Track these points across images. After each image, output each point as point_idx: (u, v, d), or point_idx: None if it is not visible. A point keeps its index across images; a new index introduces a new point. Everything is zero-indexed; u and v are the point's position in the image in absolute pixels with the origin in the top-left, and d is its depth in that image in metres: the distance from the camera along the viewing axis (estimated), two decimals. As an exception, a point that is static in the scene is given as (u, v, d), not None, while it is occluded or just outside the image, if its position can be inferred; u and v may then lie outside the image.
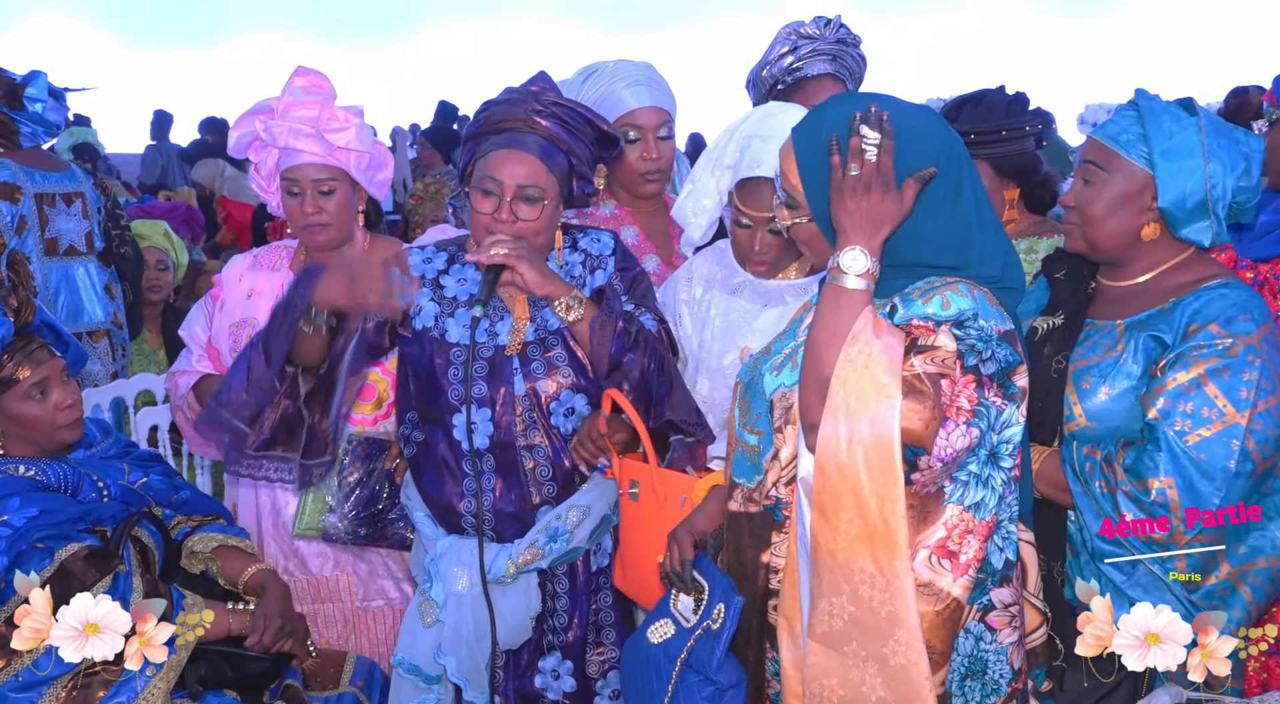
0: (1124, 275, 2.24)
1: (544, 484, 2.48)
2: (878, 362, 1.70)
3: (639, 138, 2.92)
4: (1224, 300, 2.10)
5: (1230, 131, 2.15)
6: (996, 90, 2.82)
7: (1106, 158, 2.16)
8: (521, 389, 2.44)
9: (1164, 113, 2.14)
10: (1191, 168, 2.09)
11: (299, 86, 2.88)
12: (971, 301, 1.77)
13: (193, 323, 3.09)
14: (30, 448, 2.50)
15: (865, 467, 1.71)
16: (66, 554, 2.35)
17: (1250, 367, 2.04)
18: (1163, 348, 2.12)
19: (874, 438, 1.70)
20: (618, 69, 2.96)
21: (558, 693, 2.57)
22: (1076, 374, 2.18)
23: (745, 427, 1.98)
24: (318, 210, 2.84)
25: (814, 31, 3.12)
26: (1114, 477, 2.06)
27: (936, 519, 1.78)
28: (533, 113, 2.40)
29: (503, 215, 2.39)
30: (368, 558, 2.93)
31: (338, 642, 2.93)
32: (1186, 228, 2.14)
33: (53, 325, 2.59)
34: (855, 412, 1.71)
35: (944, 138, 1.83)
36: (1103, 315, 2.24)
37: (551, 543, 2.46)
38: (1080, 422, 2.17)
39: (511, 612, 2.48)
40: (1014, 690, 1.88)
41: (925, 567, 1.78)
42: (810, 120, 1.86)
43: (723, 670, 1.96)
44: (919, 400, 1.70)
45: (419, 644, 2.52)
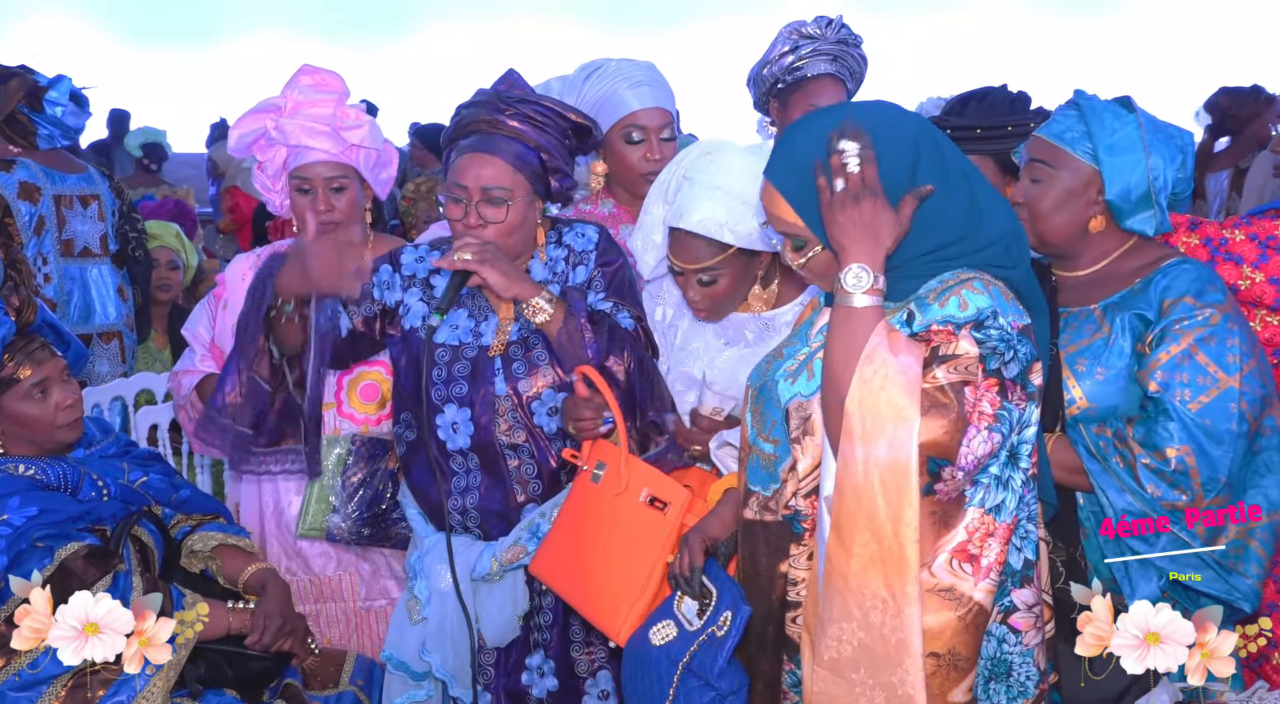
0: (1076, 266, 2.33)
1: (529, 483, 2.48)
2: (894, 382, 1.68)
3: (642, 139, 2.89)
4: (1188, 275, 2.21)
5: (1164, 127, 2.26)
6: (1000, 88, 2.83)
7: (1053, 155, 2.25)
8: (503, 389, 2.44)
9: (1105, 110, 2.25)
10: (1134, 161, 2.20)
11: (307, 84, 2.87)
12: (989, 298, 1.75)
13: (196, 323, 3.09)
14: (30, 447, 2.49)
15: (881, 489, 1.69)
16: (66, 553, 2.35)
17: (1232, 333, 2.15)
18: (1146, 325, 2.20)
19: (890, 460, 1.68)
20: (620, 69, 2.93)
21: (542, 691, 2.57)
22: (1069, 358, 2.24)
23: (760, 434, 1.95)
24: (329, 208, 2.83)
25: (815, 31, 3.12)
26: (1130, 451, 2.13)
27: (957, 523, 1.75)
28: (497, 113, 2.40)
29: (470, 220, 2.39)
30: (371, 558, 2.93)
31: (340, 641, 2.93)
32: (1131, 218, 2.24)
33: (54, 324, 2.59)
34: (871, 435, 1.69)
35: (915, 124, 1.82)
36: (1073, 303, 2.31)
37: (535, 539, 2.46)
38: (1081, 404, 2.22)
39: (498, 609, 2.49)
40: (1041, 693, 1.87)
41: (945, 571, 1.75)
42: (782, 153, 1.83)
43: (724, 677, 1.96)
44: (942, 413, 1.68)
45: (406, 641, 2.54)
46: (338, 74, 2.92)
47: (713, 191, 2.27)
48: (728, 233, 2.27)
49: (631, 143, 2.89)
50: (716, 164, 2.31)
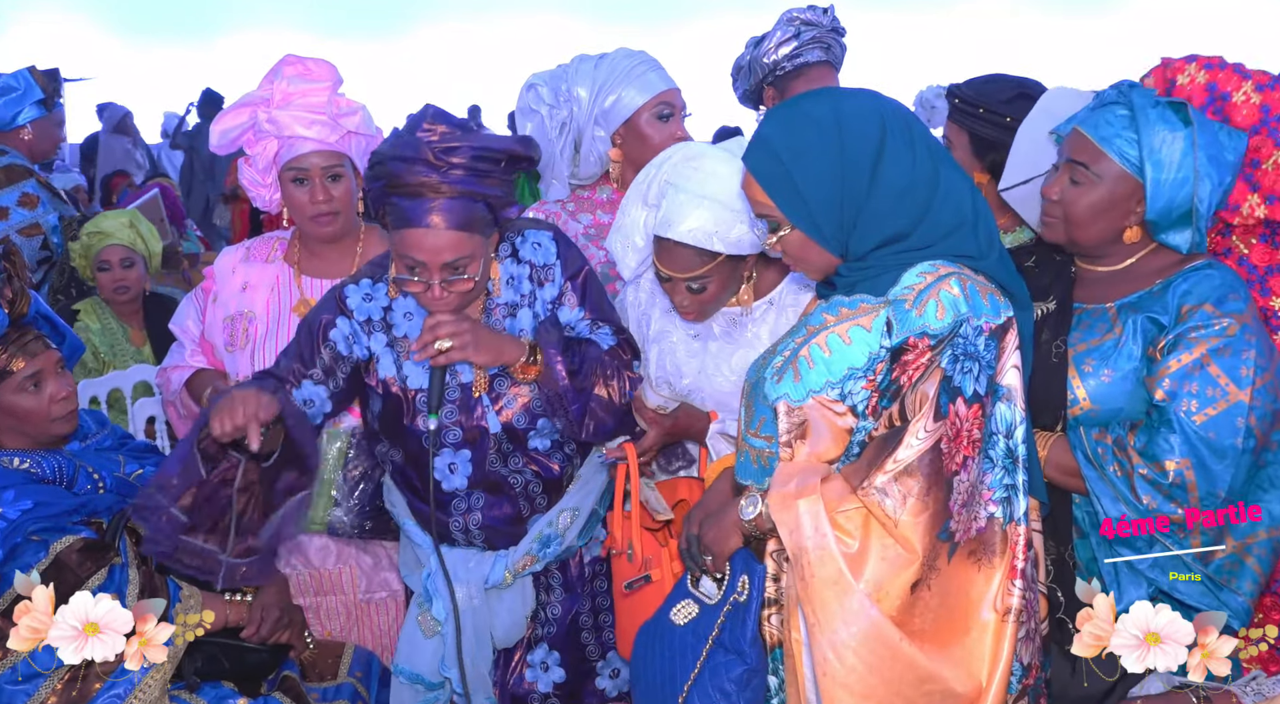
0: (1103, 262, 2.27)
1: (535, 498, 2.46)
2: (827, 559, 1.75)
3: (670, 115, 2.90)
4: (1210, 281, 2.14)
5: (1218, 141, 2.15)
6: (1016, 79, 2.75)
7: (1095, 159, 2.16)
8: (496, 427, 2.38)
9: (1158, 119, 2.13)
10: (1181, 181, 2.11)
11: (294, 74, 2.84)
12: (964, 299, 1.77)
13: (184, 317, 3.04)
14: (24, 440, 2.48)
15: (864, 663, 1.74)
16: (61, 547, 2.34)
17: (1249, 345, 2.08)
18: (1159, 329, 2.14)
19: (857, 635, 1.73)
20: (634, 55, 2.94)
21: (548, 684, 2.56)
22: (1077, 357, 2.19)
23: (750, 430, 1.96)
24: (327, 197, 2.80)
25: (813, 18, 3.13)
26: (1129, 461, 2.08)
27: (999, 549, 1.79)
28: (435, 172, 2.16)
29: (435, 295, 2.23)
30: (372, 551, 2.92)
31: (339, 633, 2.91)
32: (1166, 234, 2.17)
33: (48, 317, 2.58)
34: (826, 624, 1.75)
35: (886, 107, 1.86)
36: (1090, 299, 2.25)
37: (545, 548, 2.45)
38: (1084, 405, 2.17)
39: (509, 611, 2.48)
40: (1025, 688, 1.87)
41: (1005, 595, 1.78)
42: (757, 140, 1.89)
43: (755, 646, 1.93)
44: (918, 498, 1.74)
45: (421, 654, 2.50)
46: (326, 62, 2.89)
47: (700, 201, 2.25)
48: (717, 242, 2.26)
49: (663, 119, 2.88)
50: (701, 171, 2.28)
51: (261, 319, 2.88)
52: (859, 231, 1.83)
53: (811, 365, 1.83)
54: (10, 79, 4.64)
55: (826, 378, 1.82)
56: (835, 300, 1.88)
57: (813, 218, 1.83)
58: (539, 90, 2.96)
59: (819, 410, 1.83)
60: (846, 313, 1.84)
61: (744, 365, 2.37)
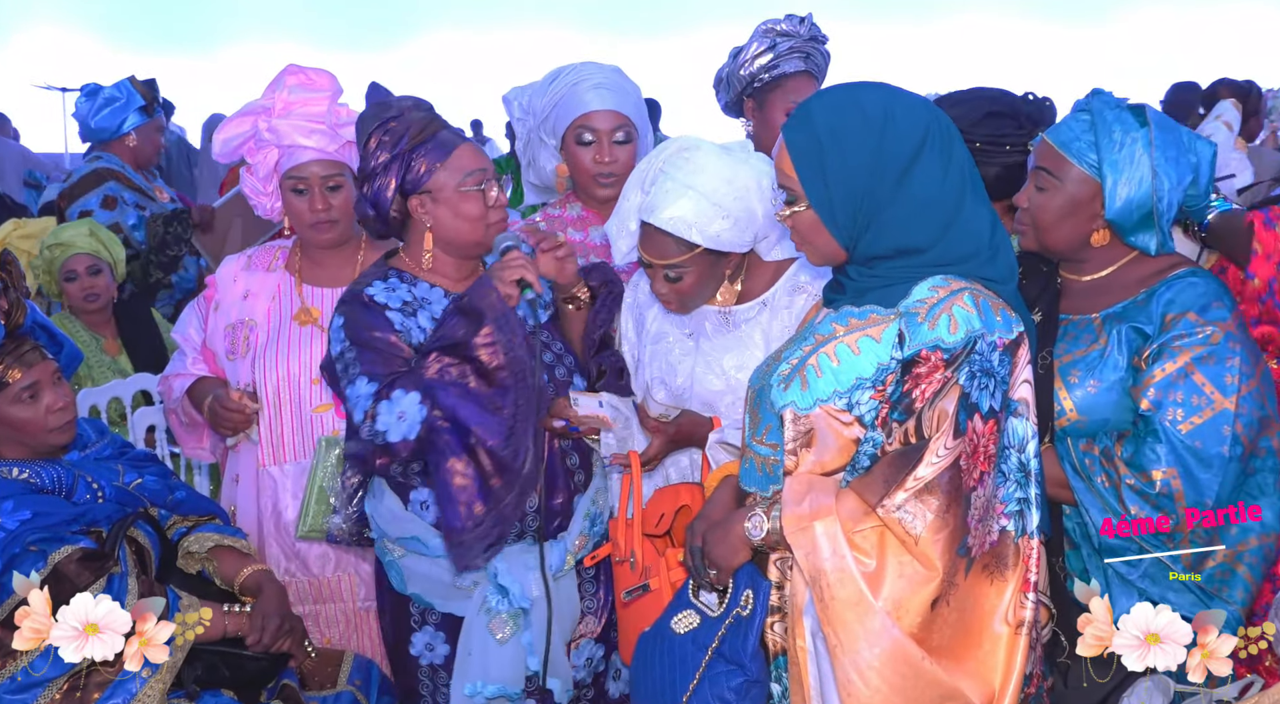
0: (1085, 270, 2.28)
1: (575, 473, 2.50)
2: (847, 581, 1.74)
3: (593, 140, 2.85)
4: (1194, 289, 2.15)
5: (1178, 141, 2.16)
6: (990, 95, 2.66)
7: (1057, 164, 2.19)
8: (545, 378, 2.41)
9: (1115, 121, 2.15)
10: (1138, 180, 2.12)
11: (295, 83, 2.86)
12: (977, 315, 1.77)
13: (185, 325, 3.06)
14: (23, 450, 2.48)
15: (888, 684, 1.73)
16: (60, 557, 2.33)
17: (1233, 353, 2.09)
18: (1144, 339, 2.14)
19: (881, 656, 1.72)
20: (581, 70, 2.90)
21: (589, 674, 2.59)
22: (1063, 369, 2.19)
23: (755, 437, 1.95)
24: (327, 207, 2.83)
25: (790, 29, 3.12)
26: (1116, 471, 2.08)
27: (1012, 562, 1.79)
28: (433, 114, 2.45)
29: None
30: (371, 558, 2.91)
31: (339, 641, 2.91)
32: (1133, 236, 2.18)
33: (45, 326, 2.58)
34: (849, 645, 1.74)
35: (935, 117, 1.85)
36: (1076, 310, 2.26)
37: (593, 527, 2.50)
38: (1071, 416, 2.18)
39: (568, 602, 2.48)
40: (1027, 696, 1.87)
41: (1018, 607, 1.78)
42: (799, 116, 1.88)
43: (756, 659, 1.93)
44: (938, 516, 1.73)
45: (499, 663, 2.40)
46: (327, 72, 2.91)
47: (684, 190, 2.28)
48: (695, 233, 2.28)
49: (582, 144, 2.86)
50: (691, 162, 2.31)
51: (263, 327, 2.90)
52: (872, 232, 1.83)
53: (820, 374, 1.82)
54: (113, 91, 4.88)
55: (834, 387, 1.81)
56: (845, 311, 1.87)
57: (831, 203, 1.83)
58: (513, 103, 3.01)
59: (825, 420, 1.82)
60: (856, 323, 1.84)
61: (735, 366, 2.39)
